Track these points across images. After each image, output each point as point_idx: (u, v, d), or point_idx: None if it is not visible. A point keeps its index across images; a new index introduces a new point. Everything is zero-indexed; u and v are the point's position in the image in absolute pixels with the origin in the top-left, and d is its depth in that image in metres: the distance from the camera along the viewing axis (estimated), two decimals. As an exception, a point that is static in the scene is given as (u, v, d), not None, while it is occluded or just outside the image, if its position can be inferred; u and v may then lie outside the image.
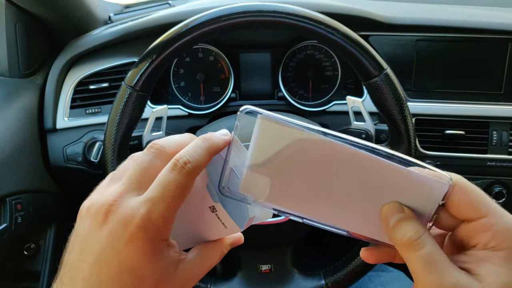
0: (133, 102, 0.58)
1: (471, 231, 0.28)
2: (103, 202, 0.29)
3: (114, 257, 0.28)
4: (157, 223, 0.28)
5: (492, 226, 0.26)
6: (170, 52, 0.56)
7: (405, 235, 0.27)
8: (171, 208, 0.28)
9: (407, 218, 0.28)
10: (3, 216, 0.70)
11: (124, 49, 0.84)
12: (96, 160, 0.79)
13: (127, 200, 0.29)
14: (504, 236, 0.26)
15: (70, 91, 0.83)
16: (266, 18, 0.56)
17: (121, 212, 0.28)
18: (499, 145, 0.80)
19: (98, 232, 0.28)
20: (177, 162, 0.29)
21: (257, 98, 0.89)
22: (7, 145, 0.72)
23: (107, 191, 0.30)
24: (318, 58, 0.89)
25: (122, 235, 0.28)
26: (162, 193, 0.28)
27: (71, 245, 0.30)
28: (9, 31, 0.79)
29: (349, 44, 0.56)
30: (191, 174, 0.29)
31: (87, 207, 0.30)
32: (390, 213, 0.29)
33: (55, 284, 0.30)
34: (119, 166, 0.33)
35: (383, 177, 0.30)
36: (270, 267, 0.63)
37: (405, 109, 0.58)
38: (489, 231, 0.26)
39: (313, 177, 0.31)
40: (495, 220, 0.27)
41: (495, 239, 0.26)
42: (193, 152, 0.30)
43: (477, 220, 0.27)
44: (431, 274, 0.25)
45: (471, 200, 0.28)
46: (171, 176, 0.29)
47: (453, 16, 0.87)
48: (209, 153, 0.31)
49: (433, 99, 0.84)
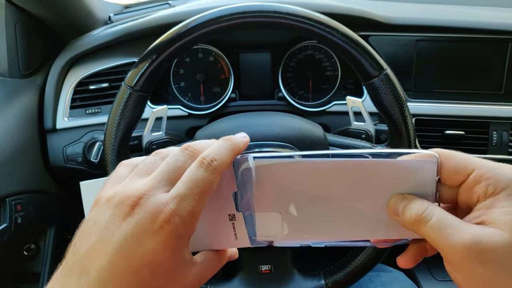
0: (133, 102, 0.58)
1: (468, 190, 0.29)
2: (130, 194, 0.28)
3: (137, 250, 0.27)
4: (185, 219, 0.28)
5: (482, 176, 0.28)
6: (170, 52, 0.56)
7: (412, 213, 0.29)
8: (199, 205, 0.29)
9: (410, 200, 0.30)
10: (3, 216, 0.70)
11: (124, 49, 0.84)
12: (96, 160, 0.79)
13: (156, 195, 0.29)
14: (496, 180, 0.28)
15: (70, 91, 0.83)
16: (266, 19, 0.56)
17: (150, 206, 0.28)
18: (499, 145, 0.80)
19: (122, 223, 0.28)
20: (204, 159, 0.30)
21: (257, 98, 0.89)
22: (7, 145, 0.72)
23: (134, 184, 0.30)
24: (318, 58, 0.89)
25: (148, 228, 0.27)
26: (191, 189, 0.29)
27: (84, 233, 0.29)
28: (9, 31, 0.80)
29: (349, 45, 0.56)
30: (217, 171, 0.30)
31: (108, 197, 0.29)
32: (395, 206, 0.30)
33: (60, 273, 0.29)
34: (144, 160, 0.32)
35: (377, 176, 0.31)
36: (270, 268, 0.63)
37: (405, 109, 0.58)
38: (481, 181, 0.28)
39: (316, 198, 0.32)
40: (483, 169, 0.28)
41: (490, 185, 0.28)
42: (218, 151, 0.31)
43: (468, 178, 0.29)
44: (448, 237, 0.27)
45: (456, 163, 0.29)
46: (199, 173, 0.29)
47: (453, 16, 0.87)
48: (232, 152, 0.32)
49: (433, 99, 0.84)
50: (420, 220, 0.28)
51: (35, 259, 0.84)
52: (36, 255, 0.84)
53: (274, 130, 0.60)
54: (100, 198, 0.30)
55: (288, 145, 0.59)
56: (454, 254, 0.27)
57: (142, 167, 0.32)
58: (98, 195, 0.31)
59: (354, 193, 0.31)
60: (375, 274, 0.79)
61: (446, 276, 0.87)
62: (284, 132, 0.60)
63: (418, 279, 0.87)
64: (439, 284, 0.86)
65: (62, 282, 0.28)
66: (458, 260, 0.26)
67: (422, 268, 0.90)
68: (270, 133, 0.60)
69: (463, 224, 0.27)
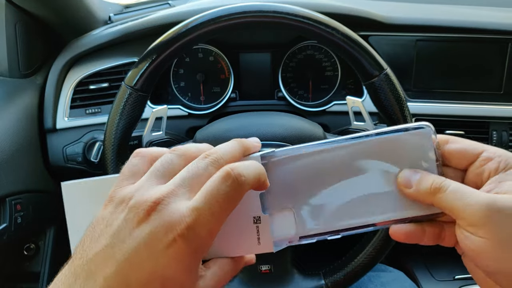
0: (133, 102, 0.58)
1: (478, 169, 0.30)
2: (147, 198, 0.27)
3: (149, 262, 0.25)
4: (200, 236, 0.26)
5: (493, 154, 0.30)
6: (170, 52, 0.56)
7: (431, 184, 0.30)
8: (218, 222, 0.27)
9: (425, 174, 0.31)
10: (3, 216, 0.70)
11: (124, 49, 0.84)
12: (96, 160, 0.79)
13: (176, 202, 0.27)
14: (506, 157, 0.29)
15: (70, 91, 0.83)
16: (266, 19, 0.56)
17: (167, 214, 0.26)
18: (499, 145, 0.80)
19: (135, 229, 0.26)
20: (231, 171, 0.27)
21: (257, 98, 0.89)
22: (7, 145, 0.72)
23: (152, 186, 0.28)
24: (318, 58, 0.89)
25: (162, 239, 0.25)
26: (210, 204, 0.26)
27: (95, 234, 0.27)
28: (9, 31, 0.80)
29: (349, 44, 0.56)
30: (242, 188, 0.27)
31: (123, 196, 0.28)
32: (407, 178, 0.31)
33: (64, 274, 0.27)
34: (162, 158, 0.30)
35: (376, 155, 0.32)
36: (270, 268, 0.63)
37: (405, 109, 0.58)
38: (493, 159, 0.29)
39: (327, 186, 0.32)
40: (492, 150, 0.30)
41: (501, 162, 0.29)
42: (248, 168, 0.28)
43: (478, 158, 0.30)
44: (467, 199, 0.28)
45: (464, 146, 0.31)
46: (222, 187, 0.27)
47: (453, 16, 0.87)
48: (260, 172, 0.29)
49: (433, 99, 0.84)
50: (439, 188, 0.29)
51: (35, 259, 0.84)
52: (36, 255, 0.84)
53: (274, 130, 0.60)
54: (115, 196, 0.28)
55: (288, 145, 0.60)
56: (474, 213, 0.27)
57: (160, 167, 0.29)
58: (112, 191, 0.29)
59: (362, 174, 0.32)
60: (375, 274, 0.79)
61: (446, 276, 0.87)
62: (284, 132, 0.60)
63: (418, 279, 0.87)
64: (439, 284, 0.86)
65: (67, 285, 0.26)
66: (478, 218, 0.27)
67: (422, 268, 0.90)
68: (270, 133, 0.60)
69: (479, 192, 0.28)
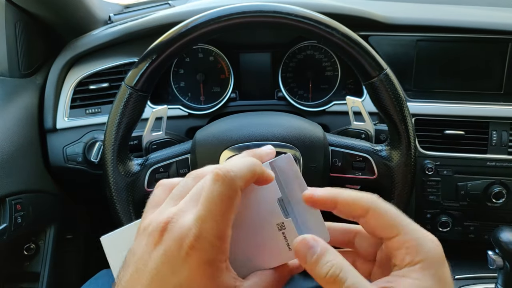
0: (133, 102, 0.58)
1: (390, 249, 0.29)
2: (160, 220, 0.28)
3: (173, 278, 0.26)
4: (211, 242, 0.26)
5: (403, 244, 0.28)
6: (170, 52, 0.56)
7: (327, 272, 0.27)
8: (223, 224, 0.27)
9: (322, 251, 0.28)
10: (3, 216, 0.70)
11: (124, 49, 0.84)
12: (96, 160, 0.79)
13: (183, 218, 0.27)
14: (416, 250, 0.27)
15: (70, 91, 0.83)
16: (266, 19, 0.56)
17: (176, 231, 0.27)
18: (499, 145, 0.80)
19: (153, 252, 0.27)
20: (219, 171, 0.27)
21: (257, 98, 0.89)
22: (7, 145, 0.72)
23: (166, 210, 0.29)
24: (318, 58, 0.89)
25: (177, 255, 0.26)
26: (209, 208, 0.27)
27: (125, 264, 0.29)
28: (9, 31, 0.80)
29: (349, 45, 0.56)
30: (234, 183, 0.27)
31: (144, 226, 0.29)
32: (303, 252, 0.29)
33: None
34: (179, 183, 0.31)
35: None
36: (270, 267, 0.63)
37: (404, 109, 0.58)
38: (401, 248, 0.28)
39: None
40: (406, 237, 0.28)
41: (408, 255, 0.27)
42: (235, 162, 0.29)
43: (391, 239, 0.28)
44: None
45: (384, 220, 0.29)
46: (215, 188, 0.27)
47: (453, 16, 0.87)
48: (252, 164, 0.29)
49: (433, 99, 0.84)
50: (335, 281, 0.27)
51: (35, 258, 0.84)
52: (36, 254, 0.84)
53: (274, 130, 0.60)
54: (140, 227, 0.30)
55: (288, 145, 0.59)
56: None
57: (176, 191, 0.31)
58: (140, 224, 0.30)
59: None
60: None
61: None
62: (284, 132, 0.60)
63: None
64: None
65: None
66: None
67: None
68: (270, 133, 0.60)
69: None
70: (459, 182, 0.81)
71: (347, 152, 0.62)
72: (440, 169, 0.80)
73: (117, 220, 0.60)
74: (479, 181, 0.80)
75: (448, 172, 0.81)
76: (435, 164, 0.80)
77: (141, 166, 0.61)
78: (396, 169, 0.60)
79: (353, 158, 0.62)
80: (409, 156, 0.60)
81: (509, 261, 0.61)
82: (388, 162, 0.61)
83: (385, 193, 0.61)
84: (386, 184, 0.61)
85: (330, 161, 0.62)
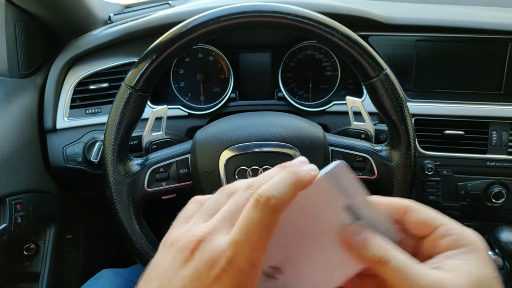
0: (133, 102, 0.58)
1: (432, 242, 0.30)
2: (192, 237, 0.27)
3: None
4: (243, 269, 0.26)
5: (449, 231, 0.30)
6: (170, 52, 0.56)
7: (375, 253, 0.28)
8: (258, 251, 0.26)
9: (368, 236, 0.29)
10: (3, 216, 0.70)
11: (124, 49, 0.84)
12: (96, 160, 0.79)
13: (217, 238, 0.27)
14: (462, 236, 0.29)
15: (70, 91, 0.83)
16: (266, 19, 0.56)
17: (208, 251, 0.26)
18: (499, 145, 0.80)
19: (180, 269, 0.27)
20: (260, 197, 0.27)
21: (257, 98, 0.89)
22: (7, 145, 0.72)
23: (198, 226, 0.28)
24: (318, 58, 0.89)
25: (206, 276, 0.26)
26: (247, 235, 0.26)
27: (147, 276, 0.29)
28: (9, 31, 0.80)
29: (349, 45, 0.56)
30: (275, 211, 0.27)
31: (172, 240, 0.28)
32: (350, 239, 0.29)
33: None
34: (210, 198, 0.31)
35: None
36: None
37: (404, 109, 0.58)
38: (447, 236, 0.29)
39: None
40: (450, 226, 0.30)
41: (454, 240, 0.29)
42: (277, 186, 0.28)
43: (434, 231, 0.30)
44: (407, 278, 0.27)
45: (425, 215, 0.31)
46: (255, 215, 0.26)
47: (453, 16, 0.87)
48: (294, 188, 0.28)
49: (433, 99, 0.84)
50: (381, 261, 0.28)
51: (35, 259, 0.84)
52: (36, 255, 0.84)
53: (274, 130, 0.60)
54: (167, 240, 0.29)
55: (288, 145, 0.60)
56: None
57: (206, 207, 0.30)
58: (165, 236, 0.30)
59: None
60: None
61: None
62: (284, 132, 0.60)
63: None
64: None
65: None
66: None
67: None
68: (270, 133, 0.60)
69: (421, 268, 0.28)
70: (459, 182, 0.81)
71: (347, 152, 0.62)
72: (440, 169, 0.80)
73: (117, 220, 0.60)
74: (479, 181, 0.81)
75: (448, 172, 0.81)
76: (435, 164, 0.80)
77: (141, 166, 0.61)
78: (396, 169, 0.60)
79: (353, 158, 0.62)
80: (409, 156, 0.60)
81: (509, 261, 0.61)
82: (388, 162, 0.61)
83: (385, 193, 0.61)
84: (386, 184, 0.61)
85: (330, 161, 0.62)
